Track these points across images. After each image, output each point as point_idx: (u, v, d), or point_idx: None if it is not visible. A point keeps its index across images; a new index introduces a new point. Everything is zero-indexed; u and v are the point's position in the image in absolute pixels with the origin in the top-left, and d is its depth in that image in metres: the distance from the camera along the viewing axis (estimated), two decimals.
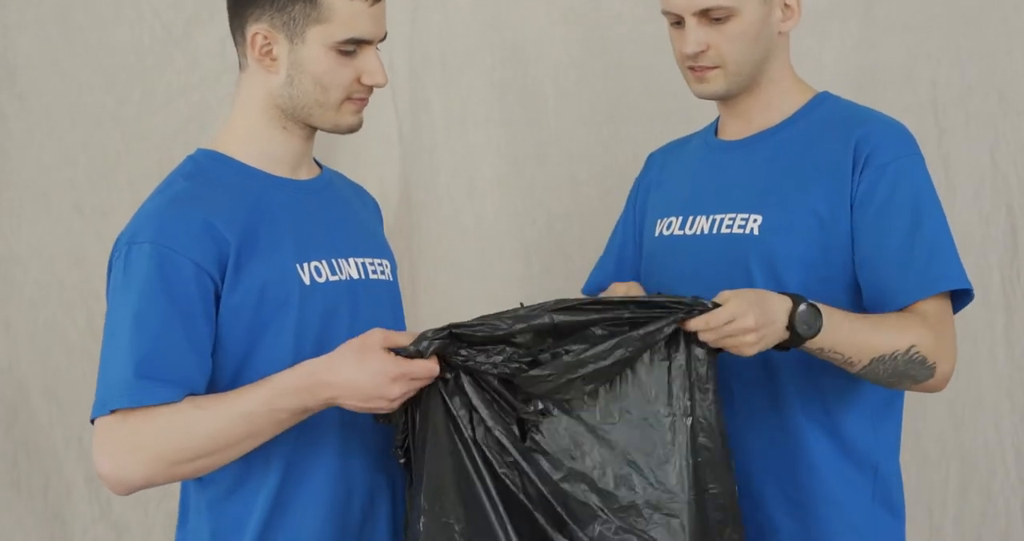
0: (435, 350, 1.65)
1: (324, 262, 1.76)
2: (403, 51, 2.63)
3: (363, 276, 1.81)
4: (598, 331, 1.69)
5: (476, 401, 1.69)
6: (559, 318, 1.68)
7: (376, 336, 1.65)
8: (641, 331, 1.67)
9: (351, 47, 1.74)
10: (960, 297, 1.84)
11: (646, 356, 1.71)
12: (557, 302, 1.71)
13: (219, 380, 1.70)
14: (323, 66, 1.73)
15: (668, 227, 1.99)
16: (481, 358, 1.67)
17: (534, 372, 1.67)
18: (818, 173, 1.84)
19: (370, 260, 1.84)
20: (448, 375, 1.68)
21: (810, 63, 2.08)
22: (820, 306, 1.71)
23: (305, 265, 1.74)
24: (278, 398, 1.63)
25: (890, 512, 1.90)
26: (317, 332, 1.73)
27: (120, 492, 1.67)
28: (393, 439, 1.75)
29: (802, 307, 1.69)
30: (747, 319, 1.65)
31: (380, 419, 1.73)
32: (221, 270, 1.67)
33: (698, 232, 1.93)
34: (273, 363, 1.69)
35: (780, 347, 1.71)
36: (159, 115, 2.61)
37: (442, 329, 1.65)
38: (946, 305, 1.81)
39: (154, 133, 2.60)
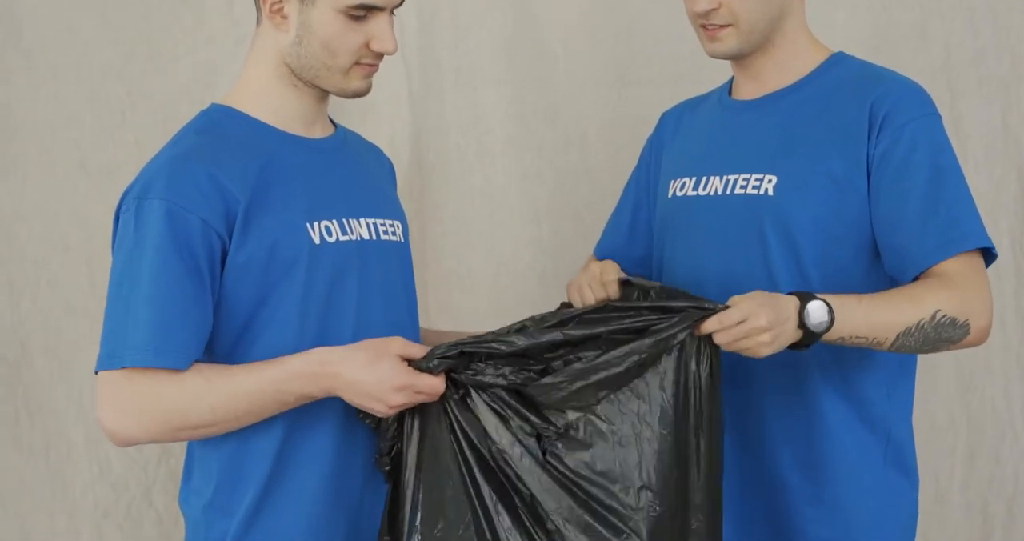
0: (444, 368, 1.66)
1: (335, 222, 1.75)
2: (413, 10, 2.61)
3: (374, 237, 1.80)
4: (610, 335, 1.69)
5: (488, 420, 1.69)
6: (570, 333, 1.68)
7: (396, 343, 1.67)
8: (654, 338, 1.66)
9: (361, 12, 1.71)
10: (984, 256, 1.82)
11: (661, 363, 1.70)
12: (563, 311, 1.72)
13: (223, 338, 1.69)
14: (331, 30, 1.71)
15: (682, 188, 1.98)
16: (491, 371, 1.68)
17: (546, 380, 1.67)
18: (834, 134, 1.83)
19: (381, 221, 1.83)
20: (456, 394, 1.69)
21: (822, 25, 2.07)
22: (831, 297, 1.70)
23: (315, 224, 1.72)
24: (286, 381, 1.64)
25: (903, 474, 1.89)
26: (325, 292, 1.72)
27: (119, 445, 1.69)
28: (378, 446, 1.75)
29: (810, 304, 1.67)
30: (759, 319, 1.64)
31: (366, 419, 1.73)
32: (229, 228, 1.66)
33: (712, 193, 1.92)
34: (280, 323, 1.69)
35: (797, 346, 1.70)
36: (165, 73, 2.58)
37: (453, 346, 1.66)
38: (973, 261, 1.79)
39: (160, 91, 2.58)
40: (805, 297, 1.68)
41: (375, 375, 1.64)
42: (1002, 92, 2.65)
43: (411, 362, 1.67)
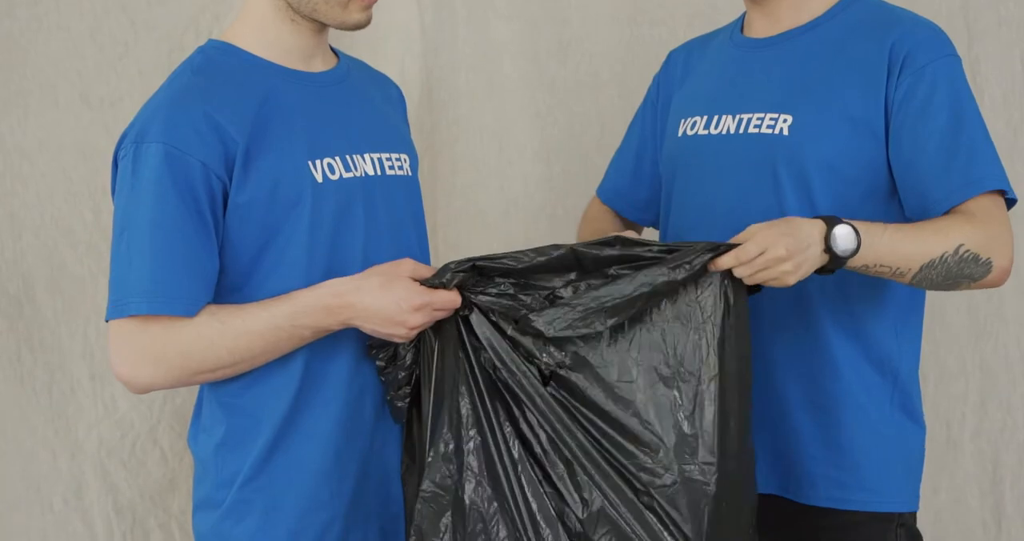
0: (457, 283, 1.64)
1: (338, 158, 1.72)
2: None
3: (379, 172, 1.77)
4: (621, 271, 1.66)
5: (495, 342, 1.68)
6: (580, 250, 1.66)
7: (406, 265, 1.66)
8: (666, 266, 1.63)
9: None
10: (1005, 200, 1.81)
11: (669, 306, 1.67)
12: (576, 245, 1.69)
13: (231, 281, 1.68)
14: None
15: (692, 127, 1.95)
16: (495, 290, 1.66)
17: (550, 310, 1.64)
18: (851, 74, 1.80)
19: (387, 155, 1.80)
20: (466, 311, 1.67)
21: None
22: (857, 223, 1.68)
23: (318, 162, 1.70)
24: (301, 315, 1.63)
25: (909, 417, 1.88)
26: (331, 230, 1.70)
27: (137, 392, 1.68)
28: (393, 380, 1.74)
29: (837, 227, 1.66)
30: (778, 249, 1.62)
31: (379, 354, 1.72)
32: (229, 169, 1.64)
33: (724, 132, 1.89)
34: (287, 263, 1.68)
35: (823, 270, 1.68)
36: (170, 4, 2.53)
37: (465, 261, 1.64)
38: (995, 202, 1.77)
39: (164, 23, 2.53)
40: (831, 221, 1.67)
41: (392, 299, 1.62)
42: (1021, 35, 2.62)
43: (422, 283, 1.65)
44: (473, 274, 1.65)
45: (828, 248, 1.66)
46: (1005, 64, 2.62)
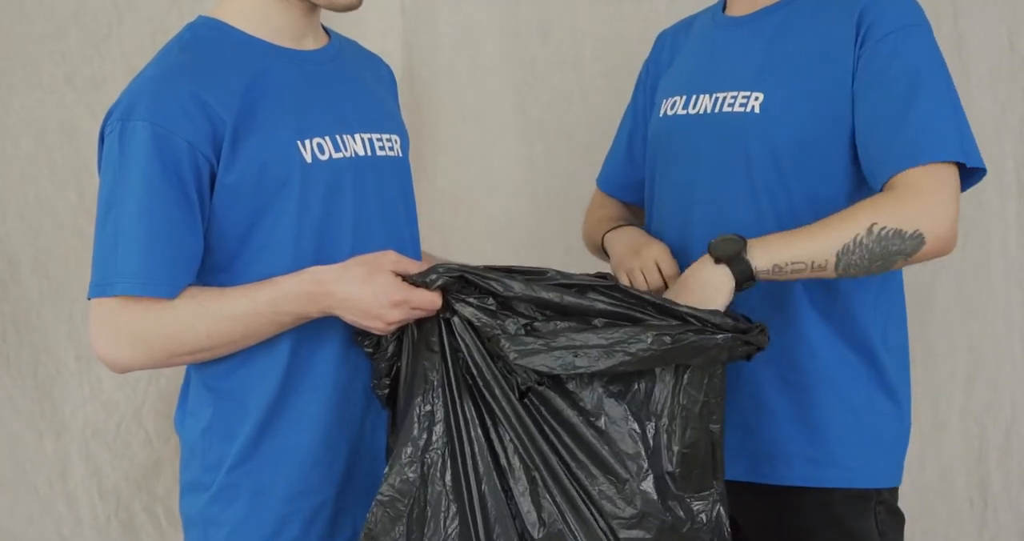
0: (441, 285, 1.60)
1: (327, 138, 1.69)
2: None
3: (369, 153, 1.75)
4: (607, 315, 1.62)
5: (474, 349, 1.63)
6: (569, 300, 1.61)
7: (388, 257, 1.63)
8: (653, 342, 1.56)
9: None
10: (972, 172, 1.75)
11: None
12: (590, 277, 1.65)
13: (218, 262, 1.66)
14: None
15: (672, 107, 1.94)
16: (475, 302, 1.61)
17: (529, 337, 1.58)
18: (821, 48, 1.78)
19: (378, 135, 1.78)
20: (448, 315, 1.63)
21: None
22: (756, 238, 1.69)
23: (307, 142, 1.67)
24: (282, 301, 1.61)
25: (888, 395, 1.85)
26: (320, 211, 1.68)
27: (117, 372, 1.67)
28: (376, 369, 1.71)
29: (715, 242, 1.68)
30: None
31: (364, 341, 1.70)
32: (216, 149, 1.61)
33: (701, 111, 1.88)
34: (275, 245, 1.65)
35: (740, 286, 1.68)
36: None
37: (454, 269, 1.60)
38: (939, 171, 1.70)
39: (147, 4, 2.54)
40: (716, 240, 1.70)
41: (371, 291, 1.60)
42: (1008, 10, 2.60)
43: (407, 278, 1.62)
44: (459, 282, 1.62)
45: (717, 259, 1.68)
46: (991, 40, 2.59)
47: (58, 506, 2.54)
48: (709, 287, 1.67)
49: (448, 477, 1.61)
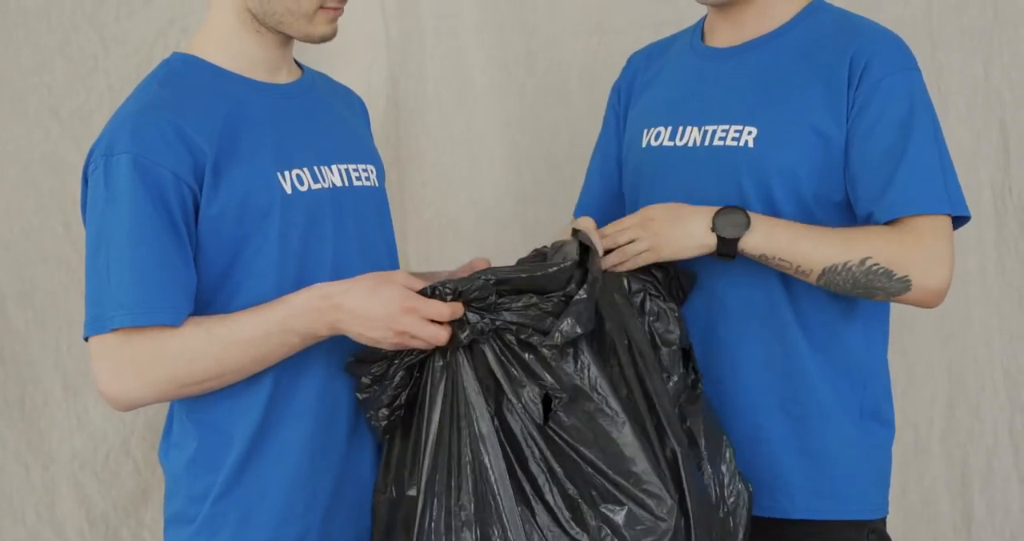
0: (455, 297, 1.62)
1: (306, 170, 1.72)
2: None
3: (347, 183, 1.77)
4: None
5: (493, 371, 1.65)
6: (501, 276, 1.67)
7: (399, 274, 1.64)
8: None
9: None
10: (955, 218, 1.78)
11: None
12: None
13: (200, 294, 1.65)
14: None
15: (657, 137, 1.95)
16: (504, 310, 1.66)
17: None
18: (814, 85, 1.80)
19: (354, 166, 1.80)
20: (464, 334, 1.63)
21: None
22: (757, 215, 1.74)
23: (287, 173, 1.69)
24: (291, 318, 1.61)
25: (881, 423, 1.89)
26: (300, 242, 1.69)
27: (122, 410, 1.67)
28: (374, 399, 1.71)
29: (725, 210, 1.73)
30: (632, 230, 1.76)
31: (368, 373, 1.70)
32: (199, 180, 1.63)
33: (689, 143, 1.89)
34: (256, 274, 1.67)
35: (722, 255, 1.74)
36: (138, 17, 2.53)
37: (449, 291, 1.63)
38: (934, 222, 1.74)
39: (133, 37, 2.53)
40: (730, 208, 1.76)
41: (380, 299, 1.59)
42: (984, 43, 2.64)
43: (418, 292, 1.63)
44: (484, 291, 1.62)
45: (715, 228, 1.75)
46: (968, 72, 2.64)
47: (46, 535, 2.53)
48: (689, 240, 1.77)
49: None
